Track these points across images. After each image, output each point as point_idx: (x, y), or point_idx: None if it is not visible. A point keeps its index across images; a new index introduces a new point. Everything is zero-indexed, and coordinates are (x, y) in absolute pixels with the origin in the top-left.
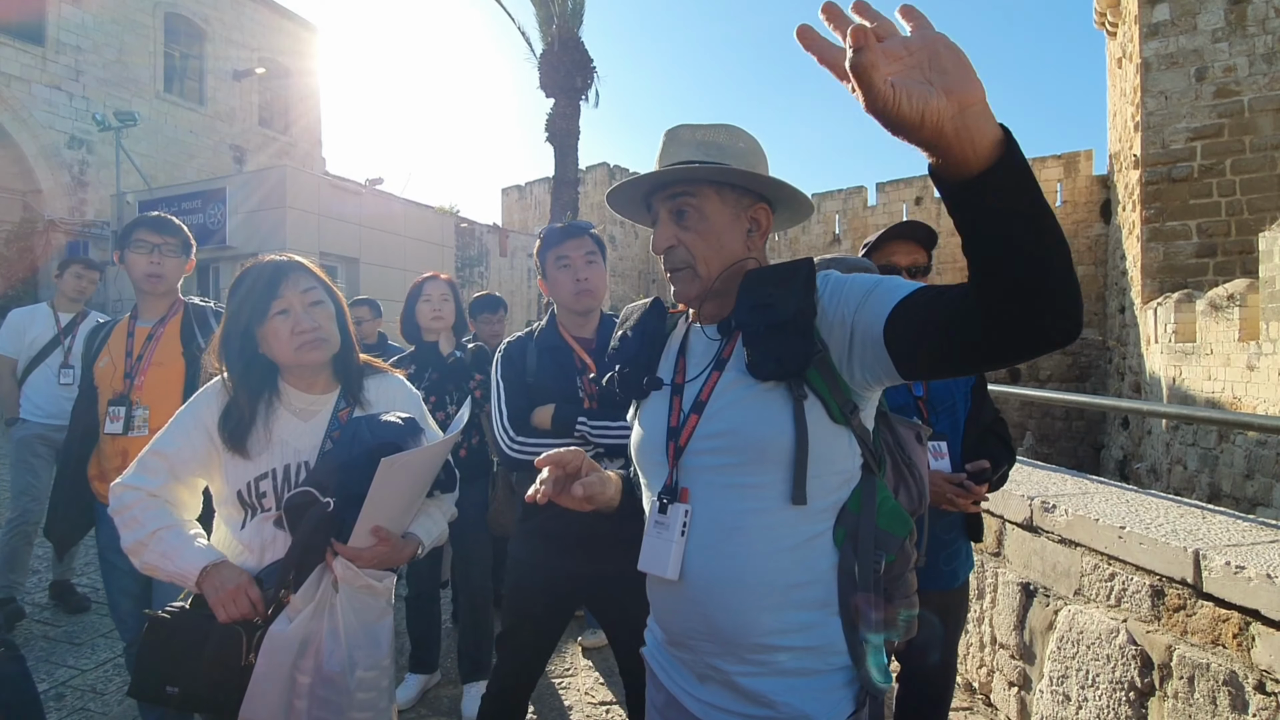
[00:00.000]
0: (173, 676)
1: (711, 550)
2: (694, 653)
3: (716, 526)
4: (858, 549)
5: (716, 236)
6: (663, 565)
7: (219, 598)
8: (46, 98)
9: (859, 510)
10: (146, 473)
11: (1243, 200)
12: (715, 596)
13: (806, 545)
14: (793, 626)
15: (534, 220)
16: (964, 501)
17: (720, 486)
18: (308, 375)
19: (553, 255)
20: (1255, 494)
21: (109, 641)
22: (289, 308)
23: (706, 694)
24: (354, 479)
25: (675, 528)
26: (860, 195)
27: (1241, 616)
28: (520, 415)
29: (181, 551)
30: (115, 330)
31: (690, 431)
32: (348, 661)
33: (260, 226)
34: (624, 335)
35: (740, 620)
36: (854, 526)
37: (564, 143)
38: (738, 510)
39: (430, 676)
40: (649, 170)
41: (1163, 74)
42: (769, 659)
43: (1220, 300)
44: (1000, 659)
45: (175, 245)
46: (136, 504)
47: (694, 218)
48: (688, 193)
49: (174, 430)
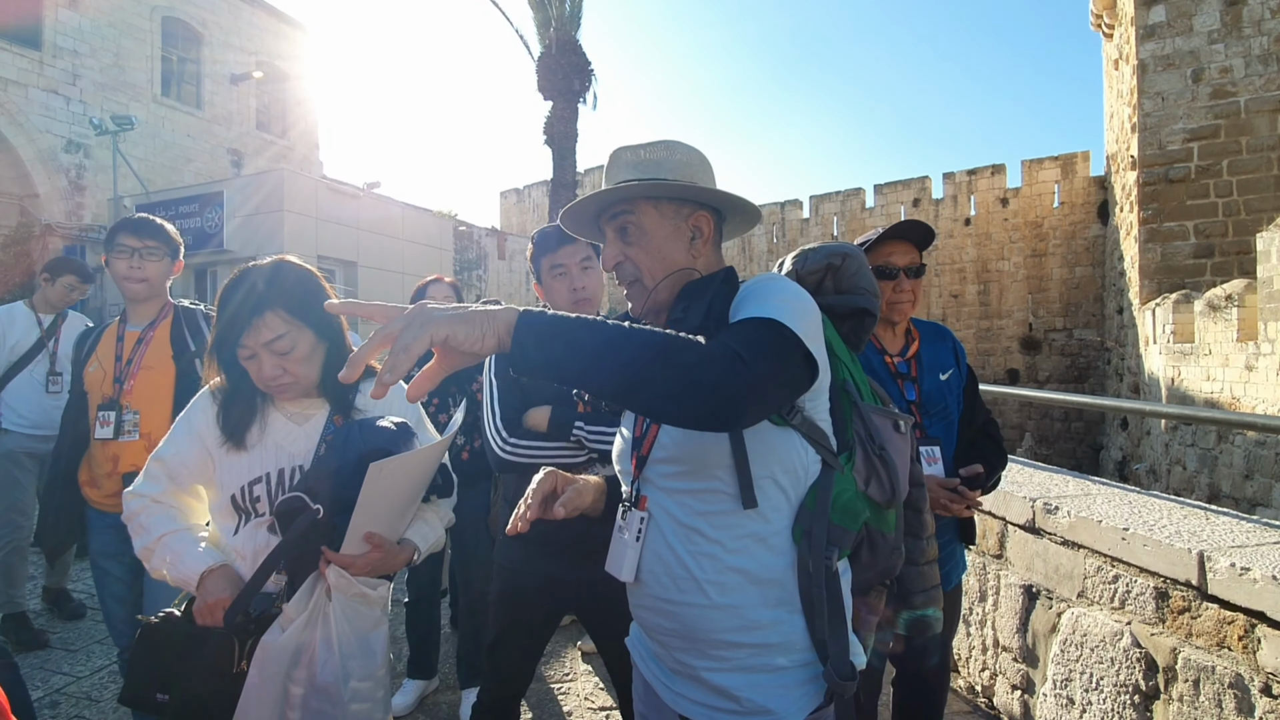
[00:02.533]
0: (164, 684)
1: (668, 552)
2: (664, 647)
3: (673, 530)
4: (811, 545)
5: (658, 249)
6: (622, 569)
7: (198, 606)
8: (43, 102)
9: (814, 507)
10: (149, 480)
11: (1240, 201)
12: (674, 596)
13: (761, 545)
14: (753, 624)
15: (532, 223)
16: (958, 507)
17: (675, 492)
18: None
19: (548, 263)
20: (1255, 494)
21: (104, 648)
22: (254, 355)
23: (678, 685)
24: (345, 485)
25: (632, 532)
26: (858, 197)
27: (1247, 618)
28: (513, 416)
29: (184, 556)
30: (105, 335)
31: (651, 441)
32: (341, 672)
33: (258, 230)
34: None
35: (700, 619)
36: (809, 523)
37: (562, 145)
38: (691, 514)
39: (429, 682)
40: (560, 214)
41: (1159, 75)
42: (730, 655)
43: (1218, 301)
44: (1003, 662)
45: (157, 249)
46: (142, 511)
47: (635, 233)
48: (626, 210)
49: (171, 437)
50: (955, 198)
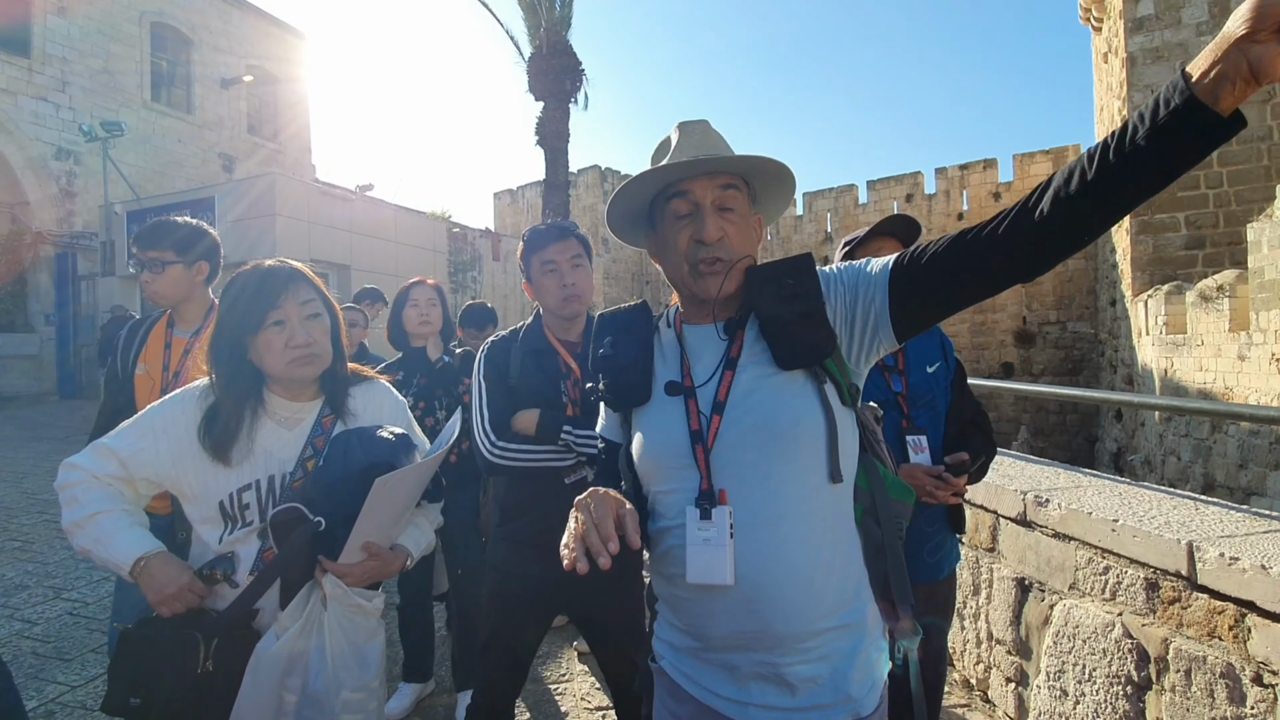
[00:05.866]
0: (135, 688)
1: (759, 545)
2: (743, 652)
3: (760, 521)
4: (880, 521)
5: (748, 232)
6: (720, 573)
7: (158, 598)
8: (33, 109)
9: (868, 486)
10: (98, 458)
11: (1230, 192)
12: (769, 592)
13: (839, 525)
14: (837, 607)
15: (526, 224)
16: (943, 494)
17: (757, 481)
18: (295, 386)
19: (538, 260)
20: (1249, 484)
21: (98, 656)
22: (285, 319)
23: (748, 695)
24: (346, 498)
25: (724, 530)
26: (851, 193)
27: (1237, 608)
28: (501, 418)
29: (115, 539)
30: (152, 335)
31: (715, 432)
32: (334, 682)
33: (249, 234)
34: (615, 341)
35: (796, 611)
36: (869, 502)
37: (554, 146)
38: (778, 499)
39: (424, 686)
40: (648, 169)
41: (1148, 68)
42: (818, 644)
43: (1210, 291)
44: (997, 655)
45: (167, 257)
46: (80, 484)
47: (738, 211)
48: (734, 185)
49: (136, 430)
50: (948, 193)
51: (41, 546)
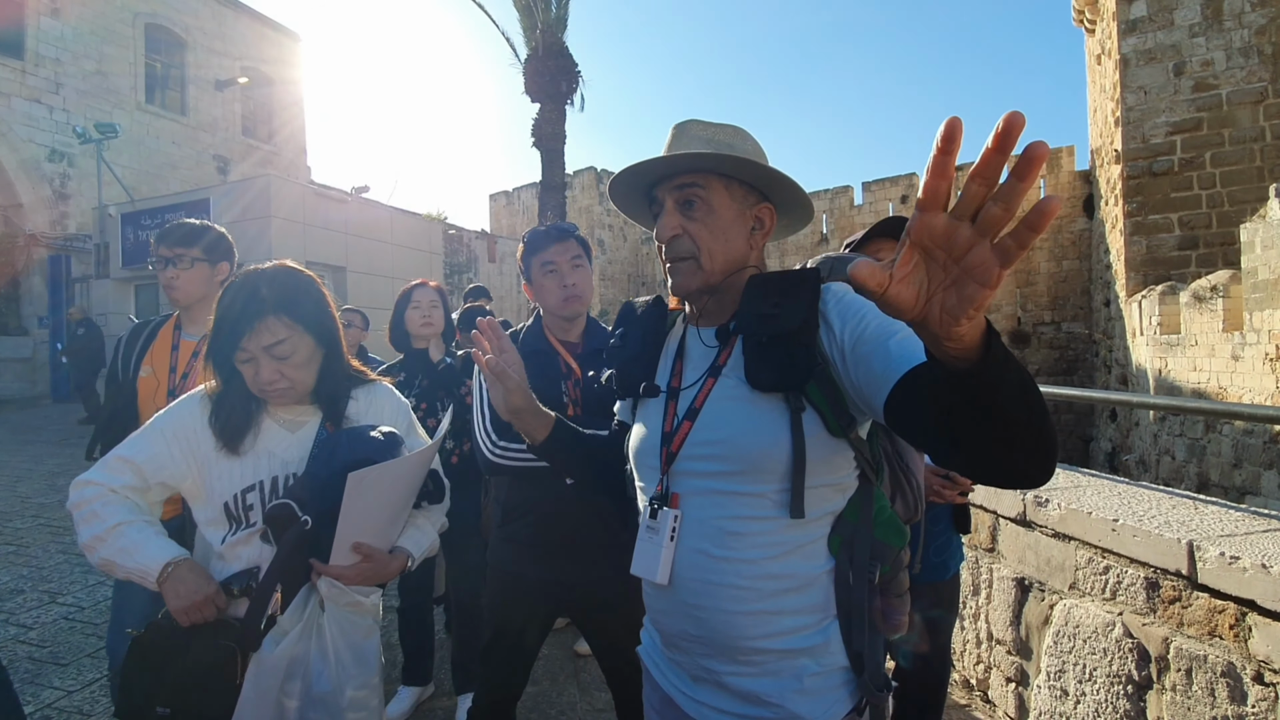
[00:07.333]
0: (163, 696)
1: (702, 555)
2: (687, 654)
3: (707, 532)
4: (853, 558)
5: (723, 231)
6: (653, 569)
7: (182, 605)
8: (26, 111)
9: (855, 519)
10: (111, 472)
11: (1223, 192)
12: (705, 600)
13: (799, 551)
14: (785, 629)
15: (522, 226)
16: (950, 493)
17: (712, 493)
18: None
19: (538, 261)
20: (1244, 483)
21: (95, 661)
22: (252, 358)
23: (701, 694)
24: (329, 496)
25: (665, 532)
26: (846, 195)
27: (1238, 607)
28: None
29: (143, 547)
30: (159, 336)
31: (683, 438)
32: (337, 682)
33: (245, 236)
34: (625, 333)
35: (731, 624)
36: (850, 535)
37: (550, 147)
38: (729, 516)
39: (424, 689)
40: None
41: (1141, 69)
42: (760, 660)
43: (1203, 292)
44: (997, 655)
45: (190, 256)
46: (97, 498)
47: (701, 209)
48: (696, 184)
49: (146, 438)
50: None
51: (36, 551)
